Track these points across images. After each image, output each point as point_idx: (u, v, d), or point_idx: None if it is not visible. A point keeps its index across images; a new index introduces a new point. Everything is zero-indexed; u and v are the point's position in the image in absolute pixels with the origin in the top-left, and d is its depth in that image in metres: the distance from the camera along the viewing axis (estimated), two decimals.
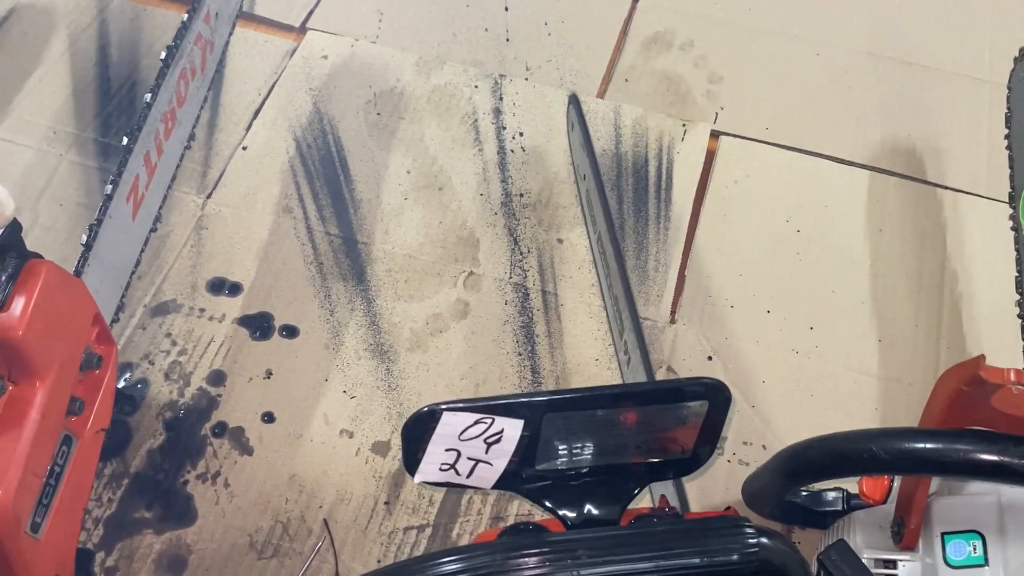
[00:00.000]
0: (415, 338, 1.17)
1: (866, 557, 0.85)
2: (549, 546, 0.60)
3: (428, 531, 1.04)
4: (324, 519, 1.04)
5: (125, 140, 1.03)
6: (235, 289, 1.20)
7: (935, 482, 0.85)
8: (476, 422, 0.65)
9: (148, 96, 1.06)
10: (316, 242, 1.23)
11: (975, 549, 0.78)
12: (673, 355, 1.16)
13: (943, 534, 0.80)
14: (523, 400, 0.66)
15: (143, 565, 1.01)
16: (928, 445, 0.72)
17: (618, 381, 1.14)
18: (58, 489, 0.90)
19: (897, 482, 0.87)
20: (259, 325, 1.17)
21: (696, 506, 1.06)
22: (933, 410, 0.77)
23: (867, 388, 1.14)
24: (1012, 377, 0.71)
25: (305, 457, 1.08)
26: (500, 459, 0.68)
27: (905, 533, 0.82)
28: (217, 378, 1.13)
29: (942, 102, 1.40)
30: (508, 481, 0.71)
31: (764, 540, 0.60)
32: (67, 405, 0.90)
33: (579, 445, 0.70)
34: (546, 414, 0.66)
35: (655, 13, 1.48)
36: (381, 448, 1.09)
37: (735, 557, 0.60)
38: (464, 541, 1.04)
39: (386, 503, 1.05)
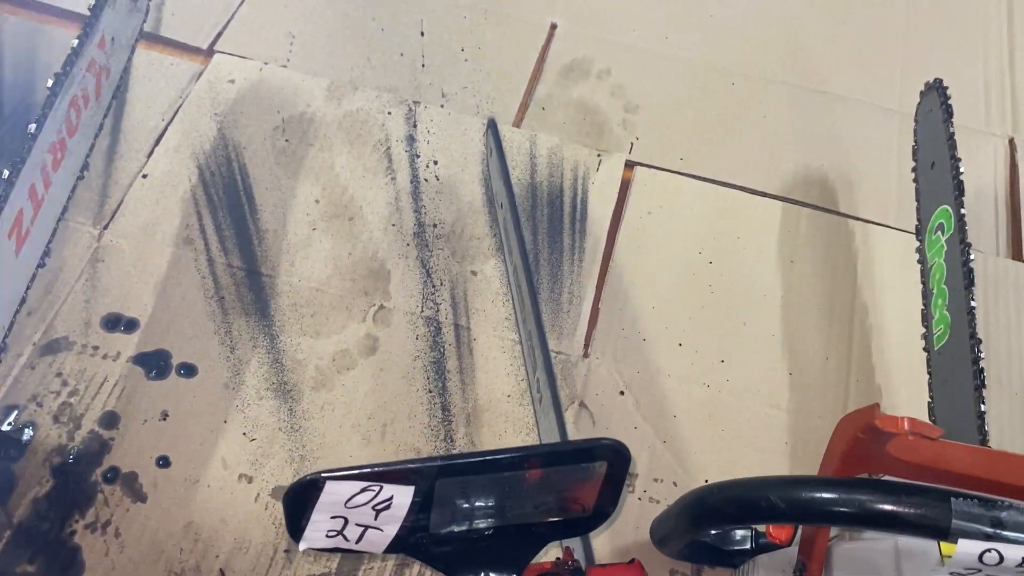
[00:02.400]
0: (320, 376, 1.13)
1: None
2: None
3: None
4: (220, 569, 1.00)
5: (6, 173, 0.97)
6: (131, 325, 1.14)
7: (834, 528, 0.85)
8: (363, 490, 0.63)
9: (33, 127, 1.00)
10: (218, 275, 1.19)
11: None
12: (586, 389, 1.14)
13: None
14: (412, 467, 0.63)
15: None
16: (824, 495, 0.72)
17: (530, 419, 1.12)
18: None
19: (800, 531, 0.86)
20: (156, 363, 1.12)
21: (606, 546, 1.05)
22: (832, 457, 0.77)
23: (778, 421, 1.13)
24: (906, 426, 0.71)
25: (202, 504, 1.03)
26: (391, 525, 0.66)
27: None
28: (110, 420, 1.08)
29: (854, 131, 1.42)
30: (401, 545, 0.68)
31: None
32: None
33: (475, 508, 0.68)
34: (438, 479, 0.64)
35: (573, 40, 1.47)
36: (281, 494, 1.05)
37: None
38: None
39: (286, 551, 1.01)
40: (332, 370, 1.13)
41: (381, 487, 0.63)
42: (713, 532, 0.99)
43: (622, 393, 1.15)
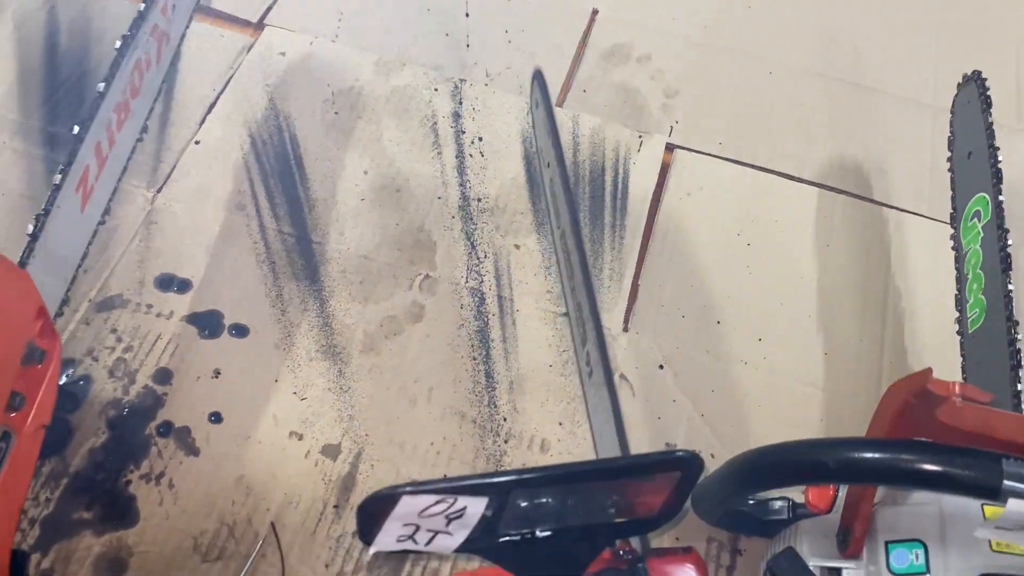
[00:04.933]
0: (368, 340, 1.16)
1: (812, 565, 0.87)
2: None
3: None
4: (271, 522, 1.02)
5: (76, 129, 1.00)
6: (184, 286, 1.17)
7: (880, 492, 0.88)
8: (437, 502, 0.62)
9: (101, 85, 1.03)
10: (269, 240, 1.22)
11: (917, 557, 0.80)
12: (626, 363, 1.17)
13: (887, 543, 0.83)
14: (489, 482, 0.63)
15: (81, 567, 0.98)
16: (875, 455, 0.74)
17: (572, 390, 1.14)
18: None
19: (842, 492, 0.89)
20: (208, 323, 1.15)
21: None
22: (881, 421, 0.79)
23: (813, 399, 1.16)
24: (957, 390, 0.74)
25: (253, 459, 1.06)
26: (461, 531, 0.66)
27: (851, 541, 0.84)
28: (163, 376, 1.11)
29: (889, 124, 1.45)
30: (469, 547, 0.68)
31: None
32: (7, 400, 0.87)
33: (544, 511, 0.69)
34: (512, 491, 0.64)
35: (614, 26, 1.50)
36: (331, 451, 1.08)
37: None
38: None
39: (335, 507, 1.04)
40: (380, 335, 1.16)
41: (456, 499, 0.63)
42: (752, 502, 1.02)
43: (661, 367, 1.17)
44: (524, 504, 0.68)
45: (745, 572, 1.04)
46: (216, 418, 1.08)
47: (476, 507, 0.64)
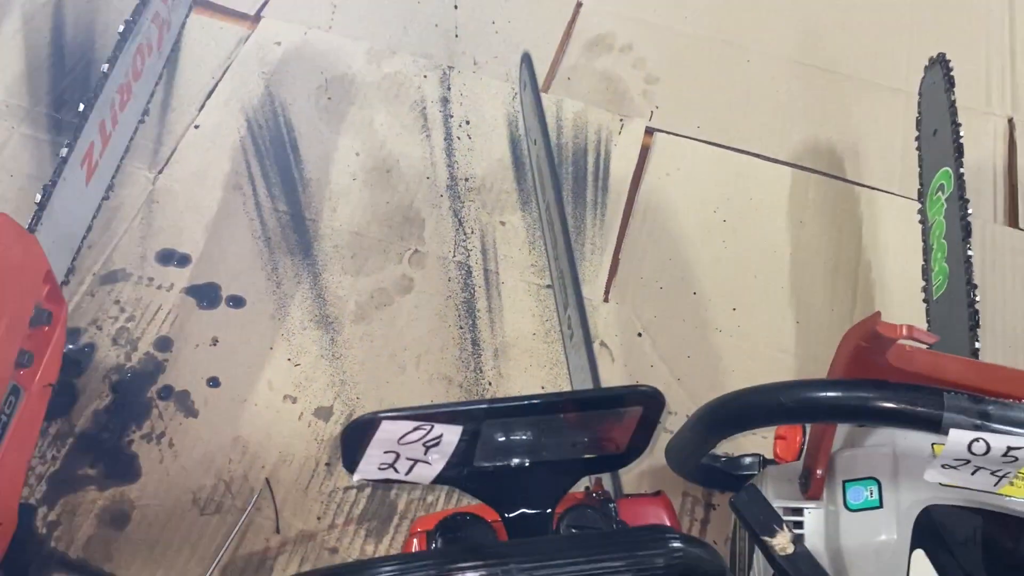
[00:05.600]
0: (360, 310, 1.21)
1: (775, 506, 0.92)
2: (484, 556, 0.61)
3: (367, 491, 1.08)
4: (266, 478, 1.08)
5: (81, 107, 1.06)
6: (184, 260, 1.23)
7: (839, 438, 0.93)
8: (415, 428, 0.66)
9: (105, 66, 1.09)
10: (265, 218, 1.27)
11: (871, 494, 0.85)
12: (606, 331, 1.22)
13: (844, 482, 0.87)
14: (463, 408, 0.67)
15: (86, 519, 1.03)
16: (828, 393, 0.79)
17: (554, 356, 1.19)
18: (3, 439, 0.92)
19: (807, 443, 0.94)
20: (206, 295, 1.20)
21: (625, 473, 1.12)
22: (837, 367, 0.84)
23: (784, 364, 1.21)
24: (904, 332, 0.79)
25: (249, 420, 1.11)
26: (439, 460, 0.70)
27: (811, 483, 0.89)
28: (164, 344, 1.16)
29: (861, 108, 1.50)
30: (446, 477, 0.72)
31: (689, 548, 0.63)
32: (16, 356, 0.93)
33: (516, 444, 0.73)
34: (485, 420, 0.68)
35: (597, 17, 1.56)
36: (323, 413, 1.13)
37: (660, 563, 0.62)
38: (402, 503, 1.08)
39: (327, 464, 1.09)
40: (371, 306, 1.21)
41: (432, 426, 0.66)
42: (723, 458, 1.07)
43: (640, 335, 1.22)
44: (499, 437, 0.73)
45: (718, 525, 1.09)
46: (214, 383, 1.14)
47: (452, 435, 0.69)
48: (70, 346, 1.14)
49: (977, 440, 0.74)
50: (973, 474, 0.75)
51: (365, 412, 0.67)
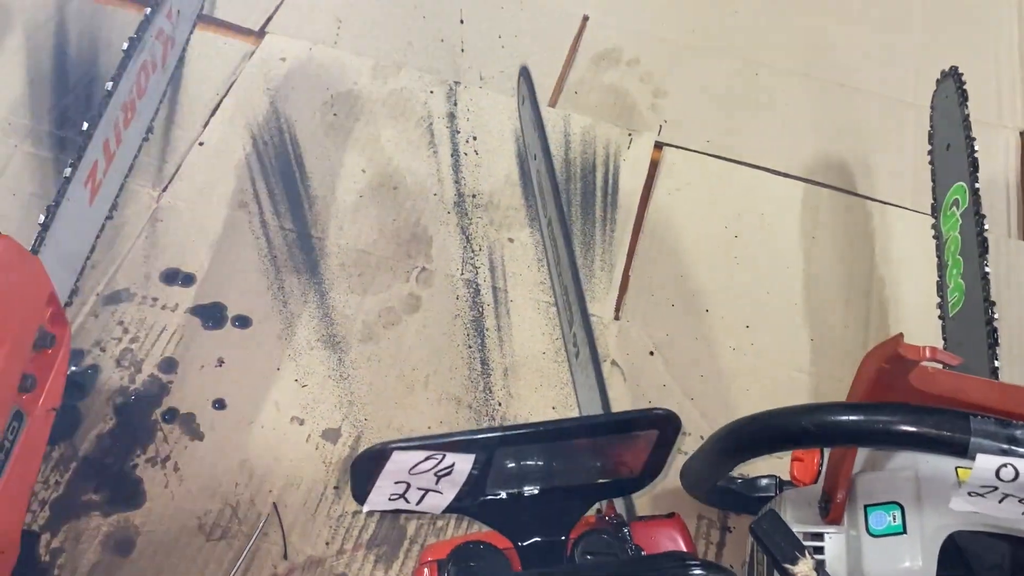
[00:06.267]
0: (367, 330, 1.19)
1: (795, 531, 0.90)
2: None
3: (377, 515, 1.06)
4: (273, 503, 1.06)
5: (85, 125, 1.05)
6: (188, 280, 1.21)
7: (859, 460, 0.91)
8: (427, 458, 0.65)
9: (109, 85, 1.08)
10: (271, 236, 1.26)
11: (895, 519, 0.83)
12: (617, 350, 1.20)
13: (866, 506, 0.85)
14: (475, 438, 0.66)
15: (90, 546, 1.01)
16: (850, 417, 0.77)
17: (564, 375, 1.18)
18: (6, 465, 0.90)
19: (826, 466, 0.92)
20: (212, 315, 1.19)
21: (638, 496, 1.10)
22: (858, 389, 0.83)
23: (799, 383, 1.19)
24: (927, 353, 0.77)
25: (256, 443, 1.10)
26: (450, 489, 0.68)
27: (831, 508, 0.87)
28: (168, 365, 1.14)
29: (872, 122, 1.49)
30: (458, 507, 0.70)
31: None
32: (19, 381, 0.91)
33: (529, 471, 0.71)
34: (498, 448, 0.67)
35: (604, 30, 1.55)
36: (331, 435, 1.11)
37: None
38: (412, 528, 1.06)
39: (335, 488, 1.07)
40: (378, 325, 1.20)
41: (444, 455, 0.65)
42: (739, 479, 1.05)
43: (651, 353, 1.21)
44: (511, 464, 0.71)
45: (734, 549, 1.07)
46: (220, 405, 1.12)
47: (464, 464, 0.67)
48: (73, 368, 1.12)
49: (1005, 466, 0.72)
50: (1001, 502, 0.73)
51: (373, 434, 0.65)
